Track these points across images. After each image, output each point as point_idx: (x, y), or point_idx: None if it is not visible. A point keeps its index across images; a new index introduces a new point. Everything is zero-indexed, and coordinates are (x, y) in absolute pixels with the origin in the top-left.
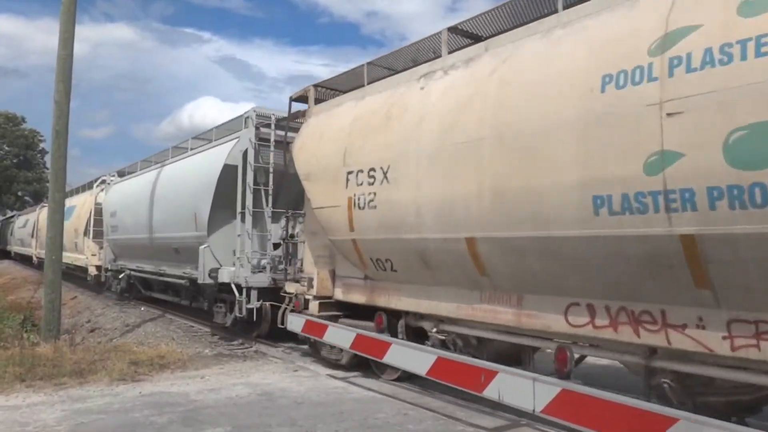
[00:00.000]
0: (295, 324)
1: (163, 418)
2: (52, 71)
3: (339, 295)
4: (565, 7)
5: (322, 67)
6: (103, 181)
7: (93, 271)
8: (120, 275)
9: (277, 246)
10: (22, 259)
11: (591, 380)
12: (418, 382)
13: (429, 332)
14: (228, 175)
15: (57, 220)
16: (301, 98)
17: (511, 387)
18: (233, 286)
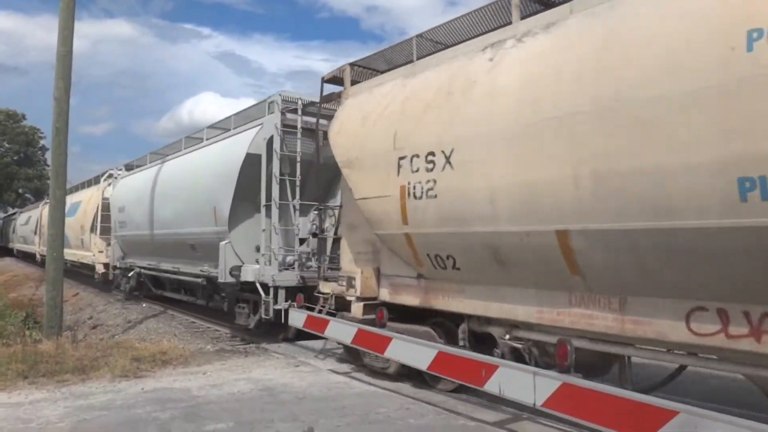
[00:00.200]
0: (296, 319)
1: (165, 414)
2: (52, 68)
3: (385, 296)
4: None
5: (322, 62)
6: (110, 175)
7: (100, 269)
8: (129, 273)
9: (302, 241)
10: (24, 256)
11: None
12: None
13: (500, 338)
14: (250, 165)
15: (58, 217)
16: (334, 79)
17: (512, 381)
18: (258, 285)
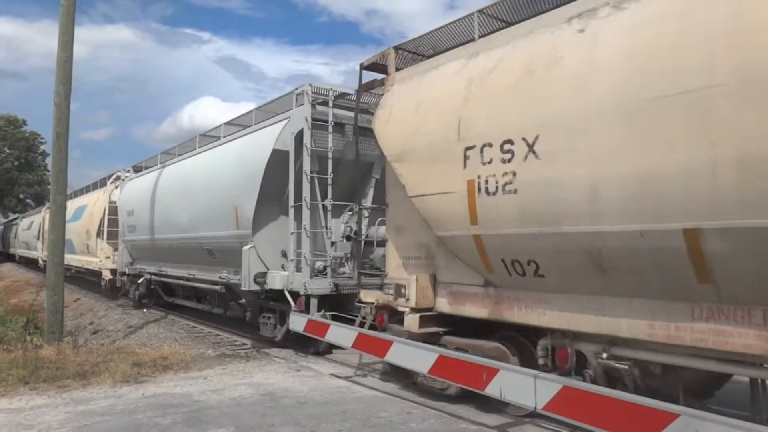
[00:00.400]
0: (297, 323)
1: (166, 419)
2: (52, 73)
3: (443, 306)
4: None
5: (321, 66)
6: (118, 178)
7: (107, 276)
8: (138, 280)
9: (333, 245)
10: (26, 262)
11: None
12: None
13: (597, 357)
14: (275, 163)
15: (58, 222)
16: (374, 66)
17: (513, 384)
18: (287, 294)
